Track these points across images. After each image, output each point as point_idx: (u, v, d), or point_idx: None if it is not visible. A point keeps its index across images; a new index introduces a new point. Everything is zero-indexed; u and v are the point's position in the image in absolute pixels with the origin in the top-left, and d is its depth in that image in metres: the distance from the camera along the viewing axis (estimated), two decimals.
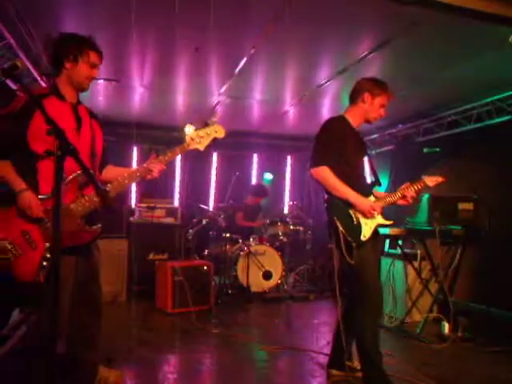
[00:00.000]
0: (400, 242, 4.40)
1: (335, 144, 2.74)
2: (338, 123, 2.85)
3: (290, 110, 5.58)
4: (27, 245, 2.11)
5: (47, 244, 2.11)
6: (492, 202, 4.37)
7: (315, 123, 6.37)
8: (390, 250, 4.78)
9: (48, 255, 2.08)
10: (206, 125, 2.60)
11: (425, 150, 3.76)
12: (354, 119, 2.88)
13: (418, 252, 4.44)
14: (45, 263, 2.09)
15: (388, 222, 2.82)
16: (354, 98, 2.88)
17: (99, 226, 2.29)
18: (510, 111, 4.50)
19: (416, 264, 4.36)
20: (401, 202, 2.90)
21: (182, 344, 3.73)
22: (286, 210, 7.56)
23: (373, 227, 2.74)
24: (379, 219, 2.78)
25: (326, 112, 5.81)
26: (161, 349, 3.54)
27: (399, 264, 4.55)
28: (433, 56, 3.72)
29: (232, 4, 2.96)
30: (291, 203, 6.90)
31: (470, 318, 4.15)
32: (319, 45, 3.62)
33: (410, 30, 3.17)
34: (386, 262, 4.74)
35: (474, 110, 4.88)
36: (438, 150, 3.68)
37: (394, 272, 4.58)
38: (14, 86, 3.56)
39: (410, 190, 2.86)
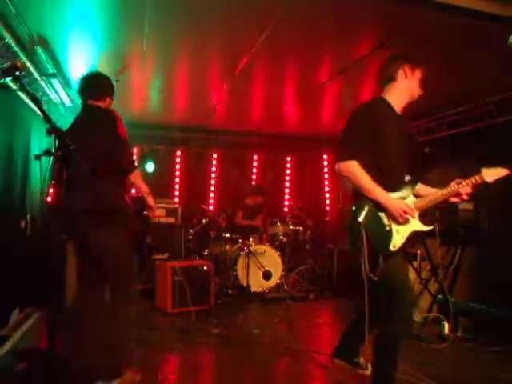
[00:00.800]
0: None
1: (368, 132, 2.35)
2: (372, 107, 2.47)
3: (290, 109, 5.58)
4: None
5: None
6: (492, 202, 4.37)
7: (315, 123, 6.42)
8: None
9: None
10: None
11: (425, 150, 3.75)
12: (397, 100, 2.50)
13: (418, 252, 4.43)
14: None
15: (426, 228, 2.41)
16: (391, 75, 2.51)
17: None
18: (510, 111, 4.50)
19: (416, 264, 4.36)
20: (454, 199, 2.49)
21: (182, 344, 3.73)
22: (285, 210, 7.56)
23: (406, 236, 2.32)
24: (415, 224, 2.36)
25: (326, 112, 5.81)
26: (161, 349, 3.54)
27: None
28: (433, 56, 3.71)
29: (232, 4, 2.95)
30: (291, 203, 6.90)
31: (470, 318, 4.16)
32: (319, 45, 3.61)
33: (409, 29, 3.16)
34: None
35: (474, 110, 4.88)
36: (437, 149, 3.66)
37: None
38: (13, 86, 3.56)
39: (465, 186, 2.43)
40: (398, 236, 2.31)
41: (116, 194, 2.63)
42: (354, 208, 2.36)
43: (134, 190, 3.03)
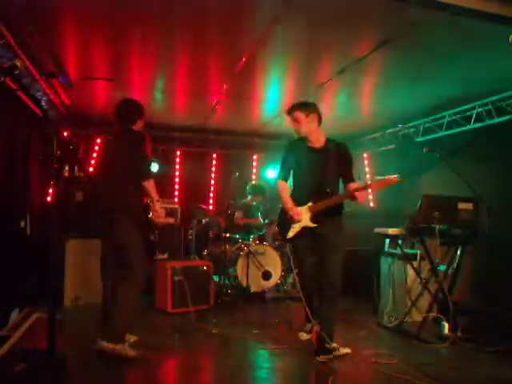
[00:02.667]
0: (400, 242, 4.39)
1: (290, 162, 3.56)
2: (293, 145, 3.62)
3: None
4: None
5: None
6: (492, 202, 4.37)
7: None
8: (390, 250, 4.78)
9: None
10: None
11: (425, 150, 3.75)
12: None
13: (418, 252, 4.43)
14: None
15: (312, 225, 3.38)
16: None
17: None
18: (510, 111, 4.50)
19: (416, 264, 4.36)
20: (357, 199, 3.31)
21: (182, 344, 3.72)
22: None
23: (297, 230, 3.44)
24: (306, 223, 3.40)
25: (325, 112, 5.80)
26: (160, 348, 3.54)
27: (399, 264, 4.55)
28: (433, 56, 3.71)
29: (232, 3, 2.95)
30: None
31: (470, 318, 4.15)
32: (319, 44, 3.61)
33: (409, 29, 3.16)
34: (386, 262, 4.74)
35: (474, 110, 4.88)
36: (437, 149, 3.68)
37: (394, 272, 4.58)
38: (13, 86, 3.56)
39: (354, 191, 3.30)
40: (293, 230, 3.46)
41: (139, 196, 3.39)
42: (280, 211, 3.69)
43: None
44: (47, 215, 5.11)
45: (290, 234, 3.46)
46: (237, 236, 5.79)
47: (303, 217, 3.39)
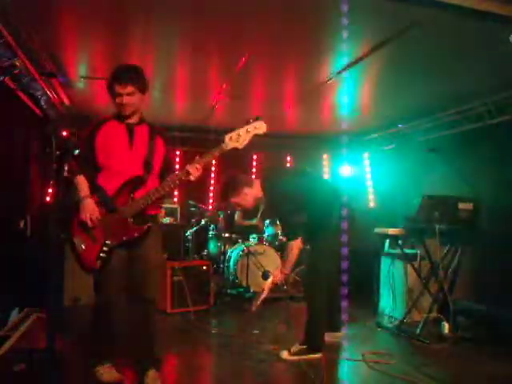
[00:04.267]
0: (400, 242, 4.39)
1: None
2: None
3: (290, 109, 5.58)
4: (90, 240, 2.63)
5: (107, 240, 2.60)
6: (492, 201, 4.37)
7: (315, 123, 6.42)
8: (390, 250, 4.78)
9: (104, 248, 2.59)
10: (246, 123, 2.72)
11: (425, 150, 3.75)
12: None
13: (418, 252, 4.43)
14: (101, 255, 2.59)
15: None
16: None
17: (147, 225, 2.64)
18: (510, 111, 4.50)
19: (416, 264, 4.36)
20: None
21: (181, 344, 3.72)
22: None
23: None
24: None
25: (325, 111, 5.81)
26: (160, 349, 3.53)
27: (399, 264, 4.55)
28: (432, 56, 3.71)
29: (232, 3, 2.95)
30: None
31: (470, 318, 4.15)
32: (319, 44, 3.61)
33: (409, 29, 3.16)
34: (385, 262, 4.73)
35: (474, 110, 4.88)
36: (437, 149, 3.67)
37: (394, 272, 4.58)
38: (12, 86, 3.55)
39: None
40: None
41: None
42: None
43: None
44: (47, 215, 5.11)
45: None
46: (236, 236, 5.79)
47: None
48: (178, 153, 7.05)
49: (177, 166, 6.96)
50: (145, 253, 2.70)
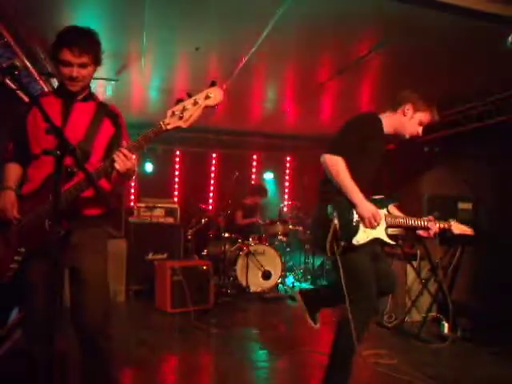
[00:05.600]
0: (400, 242, 4.39)
1: (358, 141, 2.51)
2: (373, 121, 2.64)
3: (290, 109, 5.59)
4: (3, 244, 2.03)
5: (21, 247, 1.98)
6: (492, 201, 4.37)
7: (315, 123, 6.42)
8: (390, 250, 4.77)
9: (16, 257, 1.97)
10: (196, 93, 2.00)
11: (425, 150, 3.74)
12: (387, 126, 2.67)
13: (418, 252, 4.43)
14: (11, 265, 1.98)
15: (389, 241, 2.53)
16: (394, 105, 2.69)
17: (64, 229, 1.92)
18: (510, 111, 4.49)
19: (415, 264, 4.36)
20: (421, 232, 2.72)
21: (181, 344, 3.72)
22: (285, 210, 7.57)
23: (370, 237, 2.46)
24: (380, 233, 2.49)
25: (325, 111, 5.81)
26: (160, 349, 3.54)
27: (399, 264, 4.55)
28: (433, 56, 3.71)
29: (232, 3, 2.95)
30: (290, 203, 6.91)
31: (470, 318, 4.15)
32: (319, 44, 3.61)
33: (409, 29, 3.16)
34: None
35: (474, 109, 4.88)
36: (437, 149, 3.66)
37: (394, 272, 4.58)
38: (13, 86, 3.55)
39: (435, 226, 2.67)
40: (364, 234, 2.45)
41: None
42: (322, 200, 2.52)
43: None
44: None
45: (362, 239, 2.44)
46: (236, 236, 5.79)
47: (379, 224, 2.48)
48: (177, 153, 7.07)
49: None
50: (79, 266, 2.07)
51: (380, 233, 2.50)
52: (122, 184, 2.17)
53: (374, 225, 2.44)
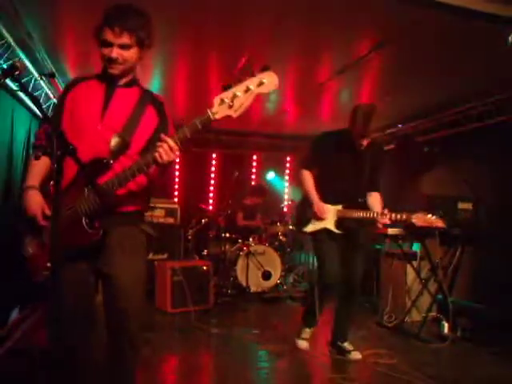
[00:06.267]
0: (400, 242, 4.40)
1: (322, 157, 3.33)
2: (328, 138, 3.37)
3: (290, 109, 5.59)
4: (39, 244, 1.95)
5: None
6: (492, 201, 4.37)
7: (315, 123, 6.43)
8: (390, 250, 4.78)
9: None
10: (249, 76, 1.78)
11: (425, 150, 3.75)
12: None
13: (418, 252, 4.43)
14: (48, 265, 1.74)
15: (335, 230, 3.27)
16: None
17: (102, 229, 1.82)
18: (510, 111, 4.50)
19: (415, 264, 4.36)
20: (379, 224, 3.12)
21: (182, 344, 3.72)
22: (285, 210, 7.57)
23: (317, 227, 3.30)
24: (328, 224, 3.28)
25: (325, 111, 5.81)
26: (160, 348, 3.54)
27: (399, 264, 4.55)
28: (433, 56, 3.71)
29: (232, 3, 2.95)
30: (290, 203, 6.91)
31: (470, 318, 4.15)
32: (319, 44, 3.61)
33: (409, 29, 3.16)
34: (385, 262, 4.74)
35: (474, 109, 4.88)
36: (436, 149, 3.67)
37: (394, 272, 4.58)
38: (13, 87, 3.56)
39: (385, 218, 3.05)
40: (312, 226, 3.34)
41: None
42: (301, 201, 3.54)
43: None
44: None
45: (310, 228, 3.34)
46: (237, 236, 5.79)
47: (328, 216, 3.27)
48: (178, 153, 7.06)
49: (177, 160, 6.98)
50: (114, 271, 1.88)
51: (328, 224, 3.28)
52: (160, 179, 1.99)
53: (321, 217, 3.25)
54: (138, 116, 1.96)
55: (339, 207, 3.26)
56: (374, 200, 3.33)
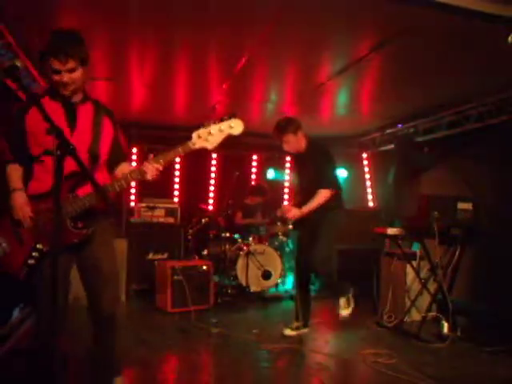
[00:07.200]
0: (399, 242, 4.40)
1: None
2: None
3: (289, 109, 5.59)
4: (16, 242, 2.13)
5: (37, 244, 2.10)
6: (492, 201, 4.37)
7: (315, 123, 6.43)
8: (390, 250, 4.78)
9: (34, 254, 2.09)
10: (219, 120, 2.23)
11: (425, 150, 3.75)
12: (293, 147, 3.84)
13: (417, 251, 4.44)
14: (29, 261, 2.10)
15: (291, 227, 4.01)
16: (296, 131, 3.75)
17: (89, 229, 2.16)
18: (510, 111, 4.50)
19: (415, 263, 4.36)
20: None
21: (182, 343, 3.73)
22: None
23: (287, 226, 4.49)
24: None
25: (326, 111, 5.81)
26: (160, 348, 3.54)
27: (399, 264, 4.55)
28: (433, 56, 3.72)
29: (232, 3, 2.95)
30: (290, 203, 6.89)
31: (469, 318, 4.15)
32: (319, 44, 3.62)
33: (409, 29, 3.16)
34: (385, 262, 4.74)
35: (474, 109, 4.88)
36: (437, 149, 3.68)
37: (394, 272, 4.59)
38: (13, 86, 3.56)
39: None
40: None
41: None
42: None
43: None
44: None
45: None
46: (236, 236, 5.80)
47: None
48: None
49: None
50: (95, 262, 2.25)
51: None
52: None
53: (287, 218, 3.84)
54: (99, 128, 2.25)
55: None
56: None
